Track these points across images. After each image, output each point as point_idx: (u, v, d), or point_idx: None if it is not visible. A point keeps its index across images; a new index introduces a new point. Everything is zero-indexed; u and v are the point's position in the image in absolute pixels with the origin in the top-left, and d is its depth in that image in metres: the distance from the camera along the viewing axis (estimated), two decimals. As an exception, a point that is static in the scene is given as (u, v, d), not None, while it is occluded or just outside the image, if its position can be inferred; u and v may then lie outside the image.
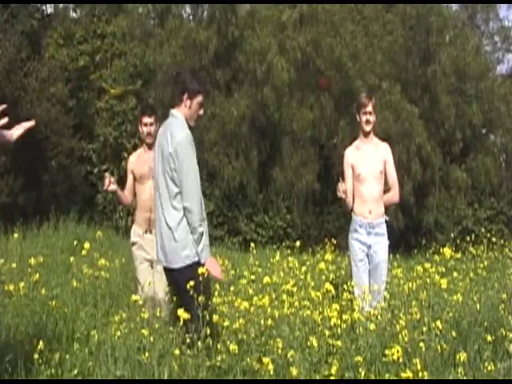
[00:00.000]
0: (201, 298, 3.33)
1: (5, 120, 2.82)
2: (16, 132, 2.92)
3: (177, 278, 3.62)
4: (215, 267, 3.61)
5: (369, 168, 4.86)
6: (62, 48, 13.81)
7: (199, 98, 3.71)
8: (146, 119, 4.92)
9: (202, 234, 3.55)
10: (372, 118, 4.89)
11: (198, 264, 3.53)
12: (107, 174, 4.76)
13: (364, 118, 4.88)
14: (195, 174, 3.57)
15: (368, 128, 4.90)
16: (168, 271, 3.69)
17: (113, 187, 4.67)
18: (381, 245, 4.84)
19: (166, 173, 3.59)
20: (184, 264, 3.56)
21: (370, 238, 4.82)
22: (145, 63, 13.25)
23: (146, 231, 4.88)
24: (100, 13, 14.42)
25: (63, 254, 7.57)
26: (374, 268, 4.81)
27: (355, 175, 4.90)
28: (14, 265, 5.44)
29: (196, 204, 3.54)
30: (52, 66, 12.96)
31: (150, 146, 4.96)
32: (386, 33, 14.00)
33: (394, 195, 5.01)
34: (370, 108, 4.86)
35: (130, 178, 4.99)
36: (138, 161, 4.96)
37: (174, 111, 3.73)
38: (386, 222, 4.91)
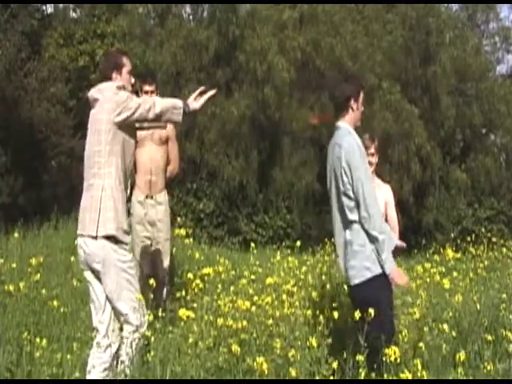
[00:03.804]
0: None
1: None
2: (200, 101, 3.58)
3: (358, 294, 3.42)
4: (402, 276, 3.42)
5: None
6: (62, 48, 13.83)
7: (362, 95, 3.63)
8: (147, 87, 5.04)
9: (383, 243, 3.35)
10: (374, 160, 4.87)
11: (381, 276, 3.36)
12: None
13: (366, 161, 4.87)
14: (368, 180, 3.45)
15: (370, 170, 4.89)
16: (350, 288, 3.55)
17: None
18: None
19: (339, 190, 3.48)
20: (364, 278, 3.38)
21: None
22: (145, 63, 13.24)
23: (146, 196, 4.92)
24: (100, 13, 14.43)
25: (63, 253, 7.56)
26: None
27: None
28: (14, 265, 5.44)
29: (374, 211, 3.38)
30: (52, 66, 12.97)
31: None
32: (385, 33, 14.00)
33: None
34: (372, 150, 4.85)
35: None
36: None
37: (338, 124, 3.63)
38: None
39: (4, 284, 4.67)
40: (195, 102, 3.60)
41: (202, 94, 3.63)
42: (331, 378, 3.28)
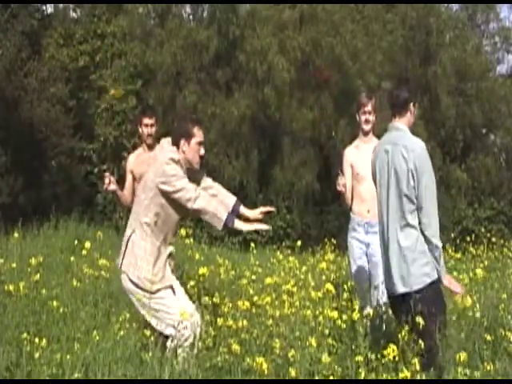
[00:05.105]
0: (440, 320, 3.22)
1: None
2: (249, 227, 3.56)
3: (417, 300, 3.31)
4: (456, 283, 3.47)
5: (368, 168, 4.84)
6: (62, 48, 13.80)
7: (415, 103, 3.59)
8: (147, 120, 4.98)
9: (441, 250, 3.38)
10: (371, 118, 4.88)
11: (438, 282, 3.36)
12: (107, 174, 4.77)
13: (363, 118, 4.87)
14: (434, 187, 3.43)
15: (367, 127, 4.88)
16: (403, 297, 3.38)
17: (112, 187, 4.67)
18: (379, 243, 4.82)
19: (401, 192, 3.40)
20: (424, 284, 3.33)
21: (368, 237, 4.81)
22: (145, 63, 13.24)
23: None
24: (100, 13, 14.39)
25: (63, 253, 7.56)
26: (373, 267, 4.80)
27: (354, 175, 4.89)
28: (14, 265, 5.44)
29: (435, 219, 3.39)
30: (52, 66, 12.96)
31: (150, 147, 5.01)
32: (386, 33, 14.01)
33: None
34: (369, 107, 4.85)
35: (129, 177, 5.00)
36: (136, 160, 4.99)
37: (397, 124, 3.55)
38: None
39: (4, 284, 4.67)
40: (244, 224, 3.54)
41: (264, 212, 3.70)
42: (331, 377, 3.28)
